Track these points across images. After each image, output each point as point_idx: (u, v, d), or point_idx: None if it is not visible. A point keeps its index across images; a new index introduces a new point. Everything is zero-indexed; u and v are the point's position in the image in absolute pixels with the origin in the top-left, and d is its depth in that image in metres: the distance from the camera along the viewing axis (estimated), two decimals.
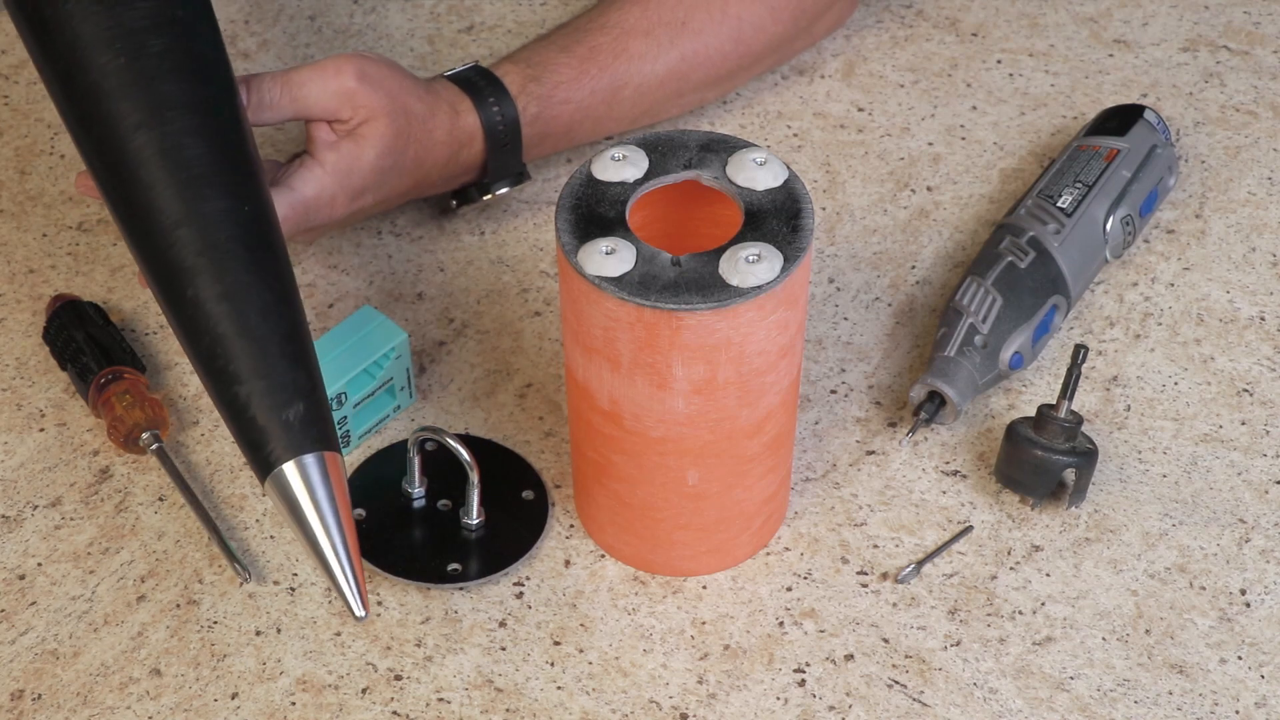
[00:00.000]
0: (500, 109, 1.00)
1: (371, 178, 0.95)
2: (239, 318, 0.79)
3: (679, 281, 0.77)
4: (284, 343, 0.79)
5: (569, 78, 1.02)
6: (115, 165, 0.83)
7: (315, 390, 0.79)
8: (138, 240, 0.82)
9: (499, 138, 1.00)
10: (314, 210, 0.93)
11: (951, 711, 0.84)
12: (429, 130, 0.97)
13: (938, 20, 1.19)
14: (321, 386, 0.80)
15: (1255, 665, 0.85)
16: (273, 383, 0.78)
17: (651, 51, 1.04)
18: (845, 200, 1.08)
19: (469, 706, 0.84)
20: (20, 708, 0.84)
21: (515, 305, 1.02)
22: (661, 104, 1.07)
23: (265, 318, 0.79)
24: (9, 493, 0.93)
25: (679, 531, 0.87)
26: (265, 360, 0.79)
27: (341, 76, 0.93)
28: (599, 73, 1.03)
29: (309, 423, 0.78)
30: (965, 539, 0.91)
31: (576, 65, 1.03)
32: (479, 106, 1.00)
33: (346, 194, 0.94)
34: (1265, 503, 0.92)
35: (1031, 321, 0.96)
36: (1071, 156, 1.03)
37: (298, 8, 1.22)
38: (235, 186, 0.82)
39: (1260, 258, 1.04)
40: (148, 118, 0.82)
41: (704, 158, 0.82)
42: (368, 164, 0.94)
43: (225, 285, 0.79)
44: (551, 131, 1.03)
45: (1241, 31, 1.19)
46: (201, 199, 0.81)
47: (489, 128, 1.00)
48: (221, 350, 0.79)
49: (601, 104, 1.04)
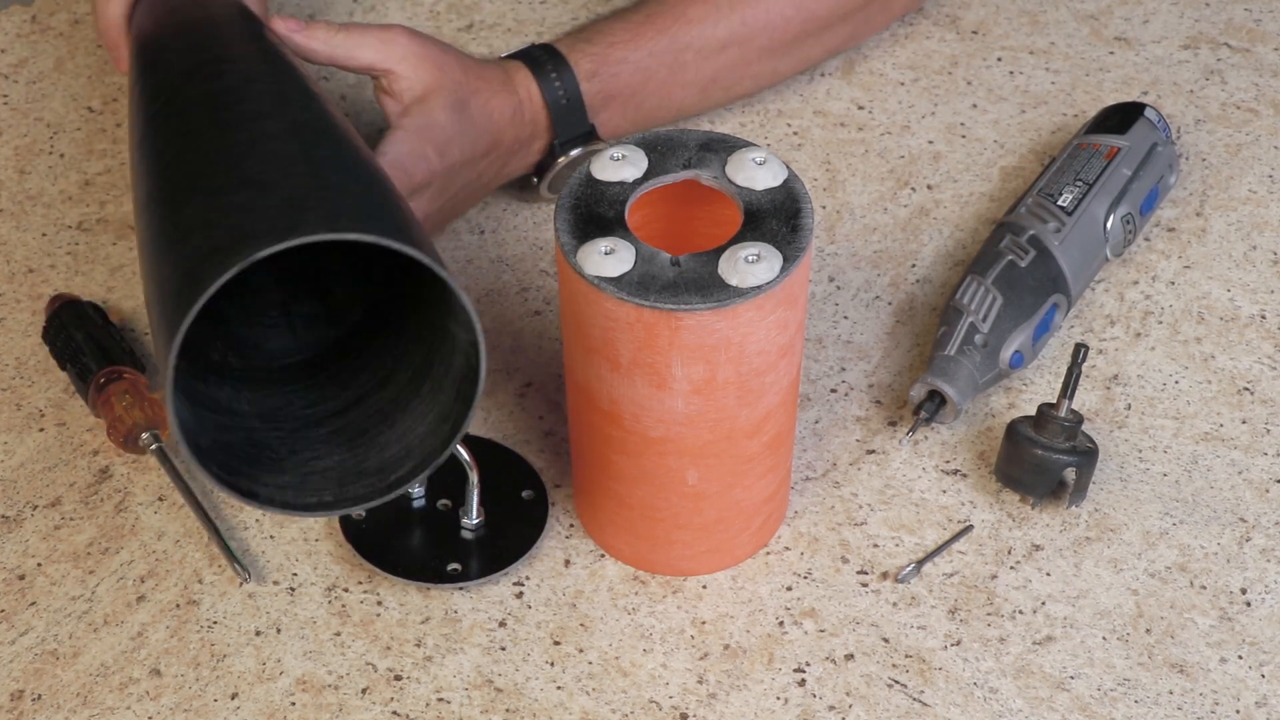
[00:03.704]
0: (554, 68, 1.02)
1: (450, 129, 0.97)
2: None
3: (678, 281, 0.77)
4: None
5: (625, 39, 1.04)
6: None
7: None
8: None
9: (555, 92, 1.01)
10: (410, 169, 0.95)
11: (951, 711, 0.84)
12: (486, 82, 0.99)
13: (938, 18, 1.19)
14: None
15: (1256, 665, 0.85)
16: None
17: (711, 15, 1.05)
18: (845, 199, 1.08)
19: (469, 706, 0.84)
20: (20, 708, 0.84)
21: (515, 305, 1.02)
22: (729, 73, 1.07)
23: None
24: (9, 493, 0.93)
25: (679, 531, 0.87)
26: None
27: (393, 32, 0.97)
28: (657, 35, 1.04)
29: None
30: (965, 538, 0.91)
31: (633, 28, 1.04)
32: (531, 67, 1.02)
33: (434, 148, 0.96)
34: (1266, 501, 0.92)
35: (1032, 320, 0.95)
36: (1072, 155, 1.03)
37: (297, 7, 1.22)
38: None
39: (1261, 256, 1.04)
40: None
41: (703, 157, 0.82)
42: (441, 118, 0.96)
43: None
44: (615, 92, 1.04)
45: (1242, 29, 1.19)
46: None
47: (544, 83, 1.01)
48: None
49: (663, 68, 1.04)
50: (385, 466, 0.81)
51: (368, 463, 0.82)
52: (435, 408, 0.81)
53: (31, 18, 1.21)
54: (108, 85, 1.16)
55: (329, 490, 0.80)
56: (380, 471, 0.81)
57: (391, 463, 0.81)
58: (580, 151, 1.03)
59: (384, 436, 0.82)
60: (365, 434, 0.83)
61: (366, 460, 0.82)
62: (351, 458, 0.82)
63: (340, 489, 0.80)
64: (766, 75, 1.10)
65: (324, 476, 0.81)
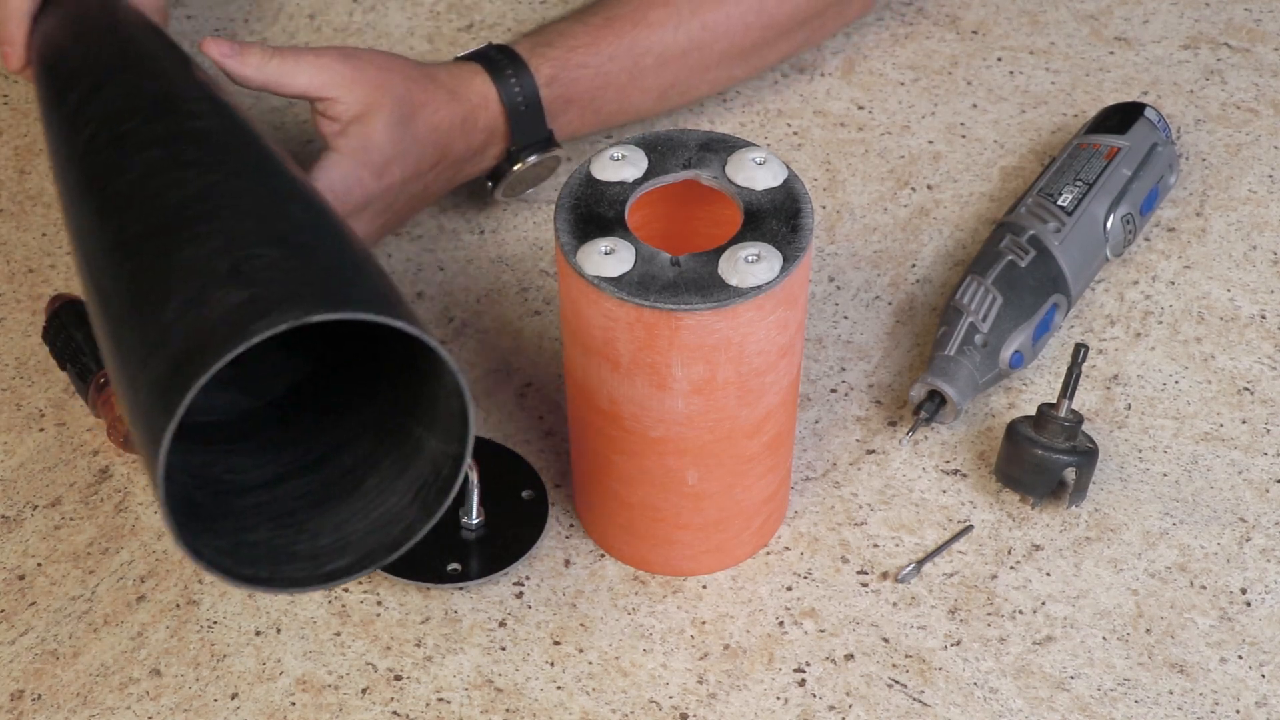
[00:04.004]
0: (514, 72, 1.00)
1: (389, 149, 0.95)
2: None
3: (678, 281, 0.77)
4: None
5: (585, 43, 1.03)
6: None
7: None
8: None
9: (514, 97, 1.00)
10: (345, 193, 0.93)
11: (951, 711, 0.84)
12: (434, 91, 0.97)
13: (938, 18, 1.19)
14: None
15: (1256, 664, 0.85)
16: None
17: (671, 20, 1.04)
18: (845, 199, 1.08)
19: (469, 706, 0.84)
20: (20, 708, 0.84)
21: (515, 304, 1.02)
22: (687, 78, 1.07)
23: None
24: (9, 493, 0.93)
25: (679, 531, 0.87)
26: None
27: (326, 56, 0.94)
28: (616, 39, 1.03)
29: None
30: (965, 538, 0.91)
31: (593, 32, 1.03)
32: (490, 70, 1.00)
33: (370, 170, 0.94)
34: (1266, 501, 0.92)
35: (1032, 320, 0.95)
36: (1072, 155, 1.03)
37: (297, 6, 1.22)
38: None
39: (1261, 256, 1.04)
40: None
41: (703, 157, 0.82)
42: (380, 138, 0.94)
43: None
44: (574, 97, 1.03)
45: (1242, 29, 1.19)
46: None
47: (502, 87, 1.00)
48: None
49: (623, 72, 1.04)
50: (318, 554, 0.77)
51: (298, 546, 0.78)
52: (381, 507, 0.78)
53: None
54: None
55: (263, 565, 0.76)
56: (313, 558, 0.77)
57: (325, 552, 0.78)
58: (536, 159, 1.02)
59: (314, 523, 0.79)
60: (292, 515, 0.79)
61: (297, 543, 0.78)
62: (279, 536, 0.78)
63: (274, 567, 0.76)
64: (723, 80, 1.09)
65: (255, 549, 0.77)
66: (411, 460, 0.79)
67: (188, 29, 1.21)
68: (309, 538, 0.78)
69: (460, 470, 0.76)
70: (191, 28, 1.21)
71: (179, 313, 0.70)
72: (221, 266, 0.71)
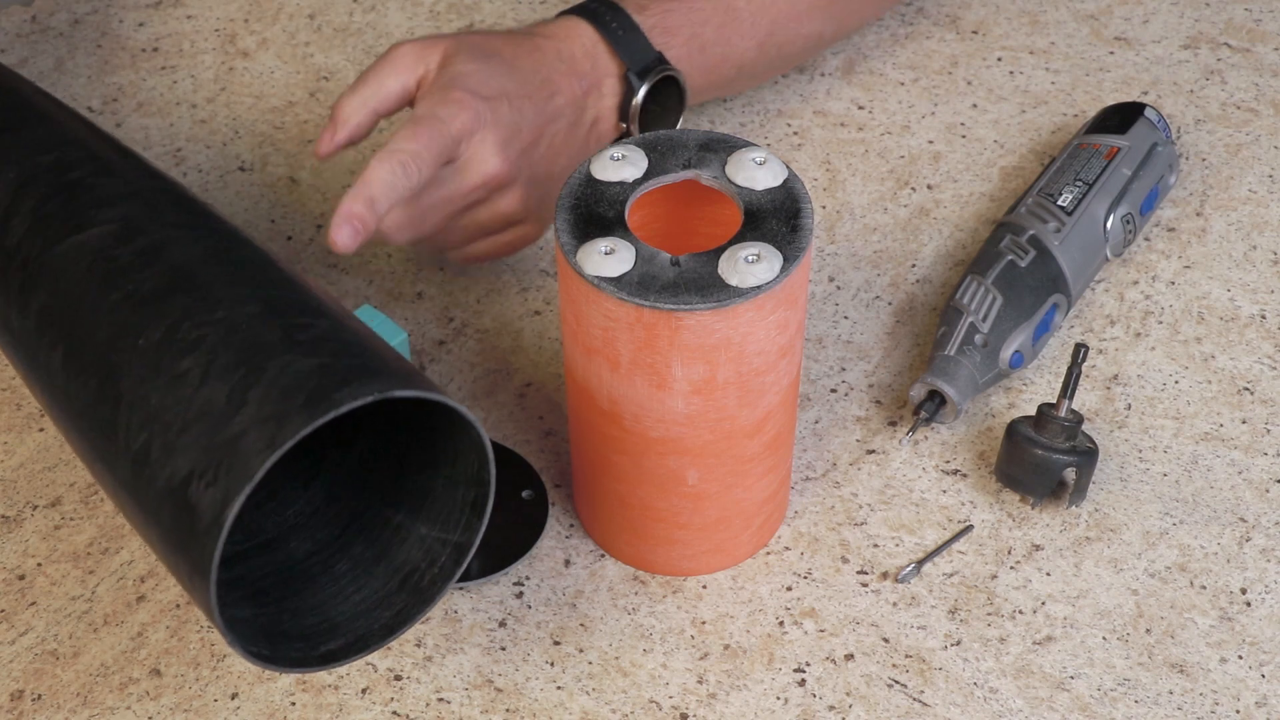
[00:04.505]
0: (598, 5, 0.98)
1: (480, 73, 0.91)
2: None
3: (678, 281, 0.77)
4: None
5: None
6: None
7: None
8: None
9: (609, 25, 0.97)
10: (448, 118, 0.88)
11: (951, 711, 0.84)
12: (507, 41, 0.94)
13: (938, 18, 1.19)
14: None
15: (1256, 665, 0.85)
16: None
17: None
18: (845, 198, 1.08)
19: (469, 706, 0.84)
20: (20, 708, 0.84)
21: (515, 304, 1.02)
22: (782, 27, 1.05)
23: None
24: (9, 493, 0.93)
25: (679, 531, 0.87)
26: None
27: (394, 50, 0.91)
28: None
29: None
30: (965, 538, 0.91)
31: None
32: (573, 12, 0.98)
33: (464, 91, 0.90)
34: (1266, 501, 0.92)
35: (1032, 320, 0.95)
36: (1072, 155, 1.03)
37: (297, 6, 1.22)
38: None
39: (1261, 255, 1.04)
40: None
41: (703, 157, 0.82)
42: (466, 67, 0.90)
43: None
44: (671, 27, 1.00)
45: (1242, 29, 1.19)
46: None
47: (592, 19, 0.97)
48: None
49: (718, 13, 1.02)
50: (307, 634, 0.74)
51: (284, 625, 0.75)
52: (360, 591, 0.76)
53: (31, 18, 1.21)
54: (108, 85, 1.16)
55: (262, 644, 0.72)
56: (305, 639, 0.74)
57: (314, 632, 0.74)
58: (653, 82, 0.99)
59: (290, 602, 0.76)
60: (266, 594, 0.76)
61: (282, 623, 0.75)
62: (264, 615, 0.75)
63: (273, 647, 0.73)
64: (814, 36, 1.08)
65: (249, 626, 0.73)
66: (392, 546, 0.77)
67: (188, 29, 1.21)
68: (291, 617, 0.76)
69: (463, 560, 0.74)
70: (191, 27, 1.21)
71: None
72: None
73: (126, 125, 1.14)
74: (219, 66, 1.18)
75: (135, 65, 1.18)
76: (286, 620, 0.75)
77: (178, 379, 0.68)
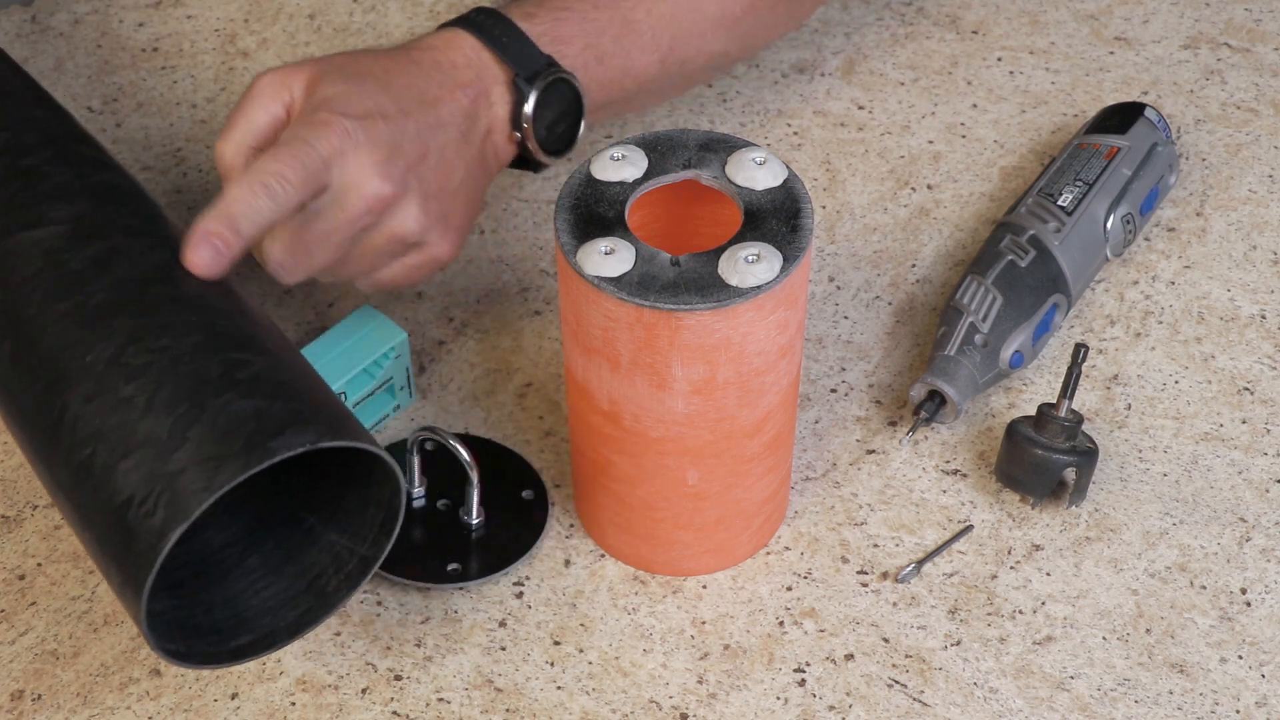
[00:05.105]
0: (478, 15, 0.93)
1: (346, 92, 0.86)
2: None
3: (678, 281, 0.77)
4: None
5: (564, 2, 0.96)
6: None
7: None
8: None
9: (490, 31, 0.92)
10: (313, 139, 0.83)
11: (951, 711, 0.84)
12: (376, 57, 0.90)
13: (938, 18, 1.19)
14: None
15: (1256, 664, 0.85)
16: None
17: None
18: (845, 198, 1.08)
19: (469, 706, 0.84)
20: (20, 708, 0.84)
21: (515, 304, 1.02)
22: (683, 43, 1.00)
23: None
24: (9, 493, 0.93)
25: (679, 531, 0.87)
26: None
27: (257, 81, 0.87)
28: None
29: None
30: (965, 538, 0.91)
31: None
32: (450, 24, 0.93)
33: (331, 111, 0.85)
34: (1266, 501, 0.92)
35: (1032, 320, 0.95)
36: (1072, 155, 1.03)
37: (297, 6, 1.22)
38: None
39: (1261, 255, 1.04)
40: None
41: (703, 157, 0.82)
42: (331, 90, 0.85)
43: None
44: (564, 36, 0.95)
45: (1242, 29, 1.19)
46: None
47: (470, 27, 0.92)
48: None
49: (613, 23, 0.97)
50: (219, 628, 0.77)
51: (198, 619, 0.77)
52: (270, 588, 0.78)
53: (31, 18, 1.21)
54: (108, 85, 1.16)
55: (178, 638, 0.75)
56: (217, 633, 0.77)
57: (225, 626, 0.77)
58: (543, 86, 0.92)
59: (204, 595, 0.78)
60: (182, 586, 0.78)
61: (195, 616, 0.77)
62: (180, 607, 0.77)
63: (188, 642, 0.75)
64: (718, 54, 1.03)
65: (166, 620, 0.75)
66: (302, 548, 0.80)
67: (188, 29, 1.21)
68: (204, 611, 0.79)
69: (369, 571, 0.78)
70: (191, 27, 1.21)
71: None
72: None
73: (126, 125, 1.14)
74: (219, 66, 1.18)
75: (135, 65, 1.18)
76: (200, 614, 0.78)
77: (124, 403, 0.72)
